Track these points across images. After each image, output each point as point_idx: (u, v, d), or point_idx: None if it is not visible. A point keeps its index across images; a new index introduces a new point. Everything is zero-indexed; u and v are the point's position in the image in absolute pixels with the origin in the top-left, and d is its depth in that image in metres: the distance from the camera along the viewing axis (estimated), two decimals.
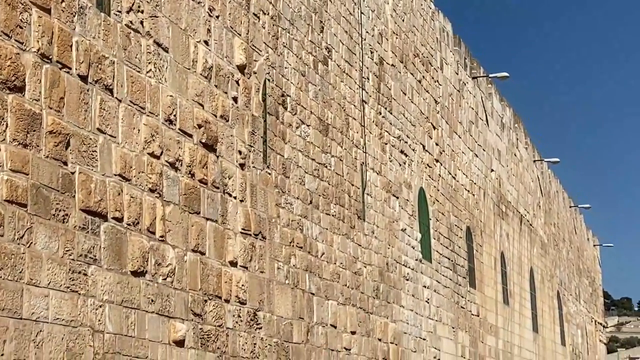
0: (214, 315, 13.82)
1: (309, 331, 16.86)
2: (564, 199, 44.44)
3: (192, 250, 13.42)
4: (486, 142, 30.62)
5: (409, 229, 22.69)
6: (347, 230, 19.02)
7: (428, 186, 24.47)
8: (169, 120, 13.11)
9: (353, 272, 19.11)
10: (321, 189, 18.03)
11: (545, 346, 36.56)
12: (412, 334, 22.13)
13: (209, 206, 14.00)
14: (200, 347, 13.36)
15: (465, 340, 26.24)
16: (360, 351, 19.01)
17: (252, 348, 14.84)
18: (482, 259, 28.93)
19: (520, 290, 33.54)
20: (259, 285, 15.27)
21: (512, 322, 31.71)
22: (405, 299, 21.91)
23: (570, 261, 44.18)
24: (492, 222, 30.52)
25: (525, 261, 34.80)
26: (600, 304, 52.81)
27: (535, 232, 36.91)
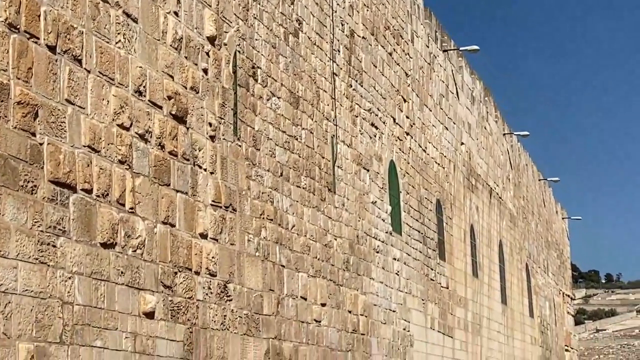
0: (184, 287, 13.80)
1: (279, 303, 16.89)
2: (533, 172, 44.68)
3: (162, 222, 13.38)
4: (456, 115, 30.68)
5: (379, 201, 22.74)
6: (317, 203, 19.03)
7: (398, 159, 24.51)
8: (139, 92, 13.03)
9: (323, 244, 19.13)
10: (292, 161, 18.01)
11: (513, 318, 36.86)
12: (382, 306, 22.22)
13: (179, 178, 13.95)
14: (170, 318, 13.35)
15: (434, 312, 26.40)
16: (330, 323, 19.07)
17: (223, 320, 14.85)
18: (452, 232, 29.07)
19: (489, 263, 33.75)
20: (229, 257, 15.27)
21: (481, 294, 31.92)
22: (375, 272, 21.99)
23: (539, 234, 44.49)
24: (462, 195, 30.65)
25: (495, 234, 35.01)
26: (568, 277, 53.26)
27: (505, 205, 37.11)
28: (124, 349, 12.21)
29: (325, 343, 18.73)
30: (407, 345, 23.74)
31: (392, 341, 22.64)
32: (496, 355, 33.20)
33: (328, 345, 18.86)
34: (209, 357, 14.33)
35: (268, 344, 16.30)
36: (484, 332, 31.83)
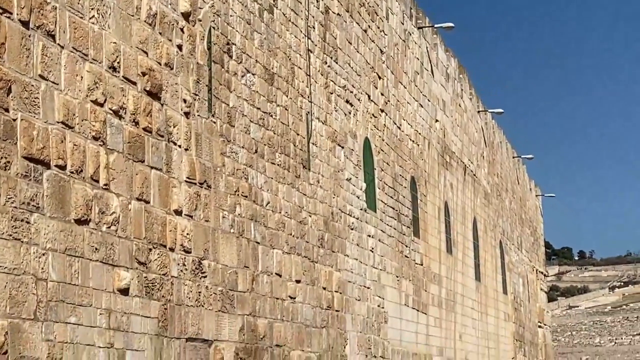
0: (158, 264, 13.80)
1: (254, 280, 16.92)
2: (507, 149, 44.85)
3: (136, 199, 13.36)
4: (431, 92, 30.73)
5: (354, 178, 22.77)
6: (292, 180, 19.04)
7: (373, 136, 24.54)
8: (113, 68, 12.97)
9: (298, 221, 19.16)
10: (266, 138, 18.00)
11: (487, 294, 37.08)
12: (357, 282, 22.30)
13: (154, 154, 13.92)
14: (144, 295, 13.35)
15: (409, 289, 26.51)
16: (305, 300, 19.12)
17: (197, 296, 14.86)
18: (426, 209, 29.17)
19: (464, 240, 33.91)
20: (203, 234, 15.26)
21: (455, 271, 32.08)
22: (350, 248, 22.05)
23: (513, 211, 44.72)
24: (437, 172, 30.74)
25: (469, 211, 35.15)
26: (542, 253, 53.60)
27: (479, 182, 37.26)
28: (98, 325, 12.20)
29: (300, 319, 18.79)
30: (381, 322, 23.85)
31: (366, 317, 22.74)
32: (470, 332, 33.43)
33: (303, 322, 18.92)
34: (183, 333, 14.35)
35: (243, 321, 16.34)
36: (458, 308, 32.02)
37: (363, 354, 22.27)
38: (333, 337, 20.48)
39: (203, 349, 14.91)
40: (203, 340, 14.93)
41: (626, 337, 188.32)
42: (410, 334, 26.25)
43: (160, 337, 13.68)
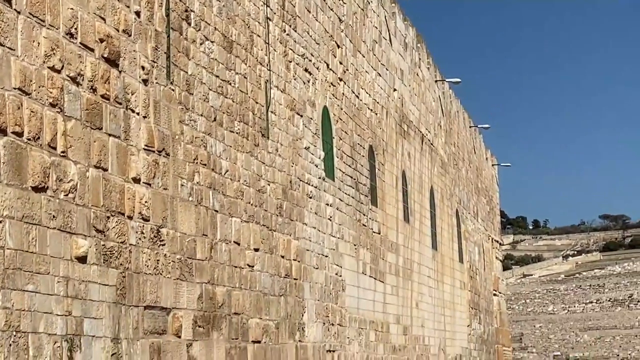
0: (116, 232, 13.74)
1: (212, 248, 16.90)
2: (464, 118, 45.06)
3: (94, 167, 13.26)
4: (389, 61, 30.74)
5: (312, 147, 22.77)
6: (251, 148, 19.00)
7: (332, 105, 24.53)
8: (70, 34, 12.82)
9: (257, 189, 19.14)
10: (225, 106, 17.93)
11: (443, 263, 37.36)
12: (315, 251, 22.36)
13: (112, 122, 13.81)
14: (102, 263, 13.30)
15: (366, 258, 26.64)
16: (263, 268, 19.15)
17: (156, 264, 14.83)
18: (384, 178, 29.26)
19: (421, 209, 34.09)
20: (162, 202, 15.21)
21: (412, 239, 32.27)
22: (308, 217, 22.08)
23: (469, 180, 44.99)
24: (394, 141, 30.82)
25: (426, 180, 35.32)
26: (497, 222, 54.03)
27: (436, 151, 37.42)
28: (56, 293, 12.15)
29: (258, 288, 18.82)
30: (339, 290, 23.96)
31: (324, 286, 22.83)
32: (426, 300, 33.69)
33: (261, 290, 18.96)
34: (142, 301, 14.32)
35: (201, 289, 16.34)
36: (415, 277, 32.24)
37: (321, 322, 22.38)
38: (291, 305, 20.55)
39: (161, 316, 14.90)
40: (161, 308, 14.92)
41: (579, 305, 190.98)
42: (367, 302, 26.41)
43: (119, 305, 13.65)
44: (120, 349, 13.59)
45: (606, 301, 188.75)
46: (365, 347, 25.80)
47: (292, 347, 20.43)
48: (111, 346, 13.36)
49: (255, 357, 18.37)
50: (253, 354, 18.30)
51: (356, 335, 25.07)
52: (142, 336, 14.25)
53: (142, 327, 14.28)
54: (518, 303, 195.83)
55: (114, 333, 13.48)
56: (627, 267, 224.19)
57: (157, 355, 14.63)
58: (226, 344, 17.13)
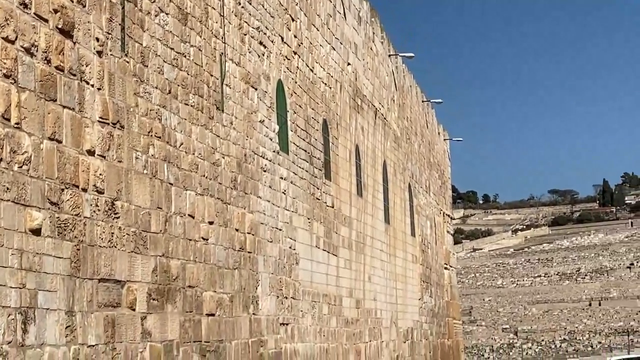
0: (71, 204, 13.66)
1: (167, 221, 16.86)
2: (417, 93, 45.21)
3: (48, 138, 13.16)
4: (343, 35, 30.73)
5: (267, 120, 22.75)
6: (205, 121, 18.95)
7: (286, 78, 24.50)
8: (24, 4, 12.68)
9: (211, 162, 19.11)
10: (180, 78, 17.84)
11: (396, 236, 37.59)
12: (269, 224, 22.39)
13: (66, 93, 13.70)
14: (57, 235, 13.22)
15: (319, 231, 26.72)
16: (217, 241, 19.15)
17: (110, 237, 14.77)
18: (338, 152, 29.33)
19: (374, 183, 34.23)
20: (116, 174, 15.13)
21: (365, 213, 32.42)
22: (263, 190, 22.10)
23: (422, 154, 45.23)
24: (348, 115, 30.88)
25: (379, 154, 35.45)
26: (449, 197, 54.41)
27: (389, 125, 37.54)
28: (10, 265, 12.07)
29: (212, 261, 18.82)
30: (292, 263, 24.03)
31: (278, 259, 22.88)
32: (378, 273, 33.90)
33: (215, 263, 18.96)
34: (96, 274, 14.27)
35: (156, 262, 16.31)
36: (368, 250, 32.42)
37: (274, 295, 22.45)
38: (245, 278, 20.58)
39: (116, 289, 14.86)
40: (116, 281, 14.88)
41: (527, 278, 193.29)
42: (320, 275, 26.52)
43: (73, 278, 13.59)
44: (74, 321, 13.54)
45: (554, 275, 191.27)
46: (318, 320, 25.94)
47: (246, 320, 20.49)
48: (65, 319, 13.31)
49: (209, 329, 18.40)
50: (207, 326, 18.33)
51: (309, 308, 25.19)
52: (96, 309, 14.21)
53: (96, 299, 14.23)
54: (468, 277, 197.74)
55: (68, 306, 13.42)
56: (575, 242, 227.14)
57: (111, 327, 14.61)
58: (180, 317, 17.13)
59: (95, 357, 14.09)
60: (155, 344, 16.09)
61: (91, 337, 14.00)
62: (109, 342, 14.50)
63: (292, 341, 23.47)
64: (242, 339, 20.14)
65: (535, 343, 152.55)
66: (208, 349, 18.28)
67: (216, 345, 18.69)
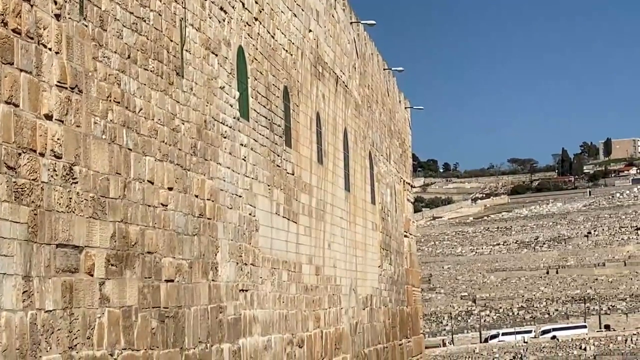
0: (28, 169, 13.55)
1: (126, 187, 16.78)
2: (378, 61, 45.19)
3: (5, 102, 13.02)
4: (305, 2, 30.59)
5: (227, 87, 22.65)
6: (165, 87, 18.83)
7: (247, 45, 24.38)
8: None
9: (171, 128, 19.01)
10: (139, 43, 17.70)
11: (356, 204, 37.69)
12: (229, 191, 22.35)
13: (23, 57, 13.55)
14: (14, 200, 13.12)
15: (280, 198, 26.72)
16: (177, 207, 19.09)
17: (68, 202, 14.68)
18: (299, 119, 29.29)
19: (334, 150, 34.25)
20: (75, 139, 15.02)
21: (325, 180, 32.45)
22: (223, 157, 22.03)
23: (383, 123, 45.29)
24: (309, 82, 30.82)
25: (340, 122, 35.45)
26: (409, 165, 54.59)
27: (350, 93, 37.53)
28: None
29: (171, 227, 18.77)
30: (252, 230, 24.03)
31: (238, 226, 22.87)
32: (338, 240, 34.00)
33: (174, 229, 18.92)
34: (54, 239, 14.19)
35: (114, 227, 16.24)
36: (328, 218, 32.49)
37: (234, 262, 22.46)
38: (204, 244, 20.56)
39: (74, 255, 14.79)
40: (74, 246, 14.80)
41: (486, 247, 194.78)
42: (280, 242, 26.56)
43: (30, 243, 13.51)
44: (31, 286, 13.47)
45: (513, 243, 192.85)
46: (278, 286, 26.00)
47: (205, 286, 20.49)
48: (22, 284, 13.24)
49: (168, 295, 18.38)
50: (166, 292, 18.31)
51: (269, 275, 25.24)
52: (54, 274, 14.14)
53: (54, 265, 14.16)
54: (428, 245, 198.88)
55: (26, 271, 13.35)
56: (534, 210, 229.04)
57: (69, 293, 14.55)
58: (139, 283, 17.10)
59: (53, 323, 14.04)
60: (114, 310, 16.06)
61: (49, 303, 13.95)
62: (66, 308, 14.45)
63: (252, 307, 23.53)
64: (202, 305, 20.15)
65: (493, 310, 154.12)
66: (167, 314, 18.27)
67: (175, 311, 18.69)
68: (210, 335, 20.49)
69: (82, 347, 14.90)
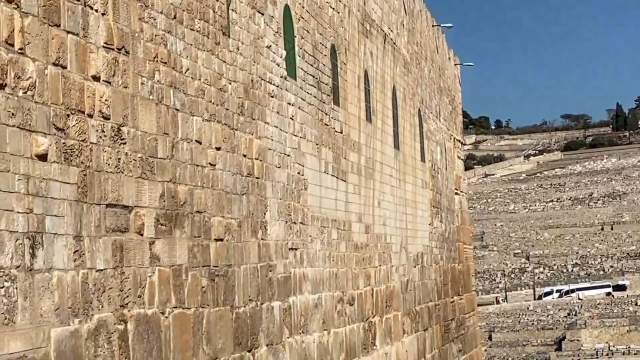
0: (77, 130, 13.70)
1: (174, 147, 16.91)
2: (426, 17, 44.85)
3: (52, 64, 13.16)
4: None
5: (274, 46, 22.65)
6: (211, 47, 18.88)
7: (293, 3, 24.32)
8: None
9: (218, 88, 19.08)
10: (185, 3, 17.73)
11: (405, 162, 37.62)
12: (277, 150, 22.42)
13: (70, 19, 13.65)
14: (63, 161, 13.29)
15: (328, 157, 26.76)
16: (225, 167, 19.21)
17: (117, 163, 14.84)
18: (347, 77, 29.23)
19: (383, 108, 34.16)
20: (122, 100, 15.14)
21: (374, 138, 32.41)
22: (270, 116, 22.09)
23: (432, 80, 45.03)
24: (357, 40, 30.70)
25: (388, 79, 35.32)
26: (459, 122, 54.28)
27: (399, 50, 37.33)
28: (17, 191, 12.16)
29: (220, 186, 18.90)
30: (301, 189, 24.12)
31: (286, 185, 22.96)
32: (388, 198, 34.00)
33: (223, 189, 19.05)
34: (103, 199, 14.37)
35: (163, 187, 16.39)
36: (377, 176, 32.48)
37: (283, 220, 22.57)
38: (253, 203, 20.69)
39: (123, 214, 14.97)
40: (123, 206, 14.98)
41: (539, 203, 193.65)
42: (329, 200, 26.63)
43: (80, 203, 13.69)
44: (82, 246, 13.68)
45: (566, 200, 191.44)
46: (328, 245, 26.11)
47: (255, 245, 20.64)
48: (73, 243, 13.44)
49: (217, 254, 18.56)
50: (216, 251, 18.48)
51: (318, 233, 25.34)
52: (104, 234, 14.34)
53: (104, 225, 14.35)
54: (480, 202, 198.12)
55: (76, 231, 13.54)
56: (587, 166, 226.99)
57: (119, 252, 14.75)
58: (189, 242, 17.28)
59: (104, 282, 14.26)
60: (164, 269, 16.26)
61: (100, 262, 14.16)
62: (117, 267, 14.66)
63: (301, 266, 23.67)
64: (251, 263, 20.31)
65: (547, 267, 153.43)
66: (217, 273, 18.45)
67: (225, 269, 18.86)
68: (260, 294, 20.67)
69: (134, 306, 15.13)
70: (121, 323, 14.69)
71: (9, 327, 11.82)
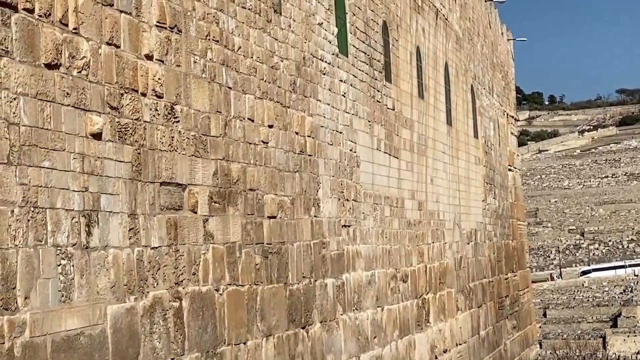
0: (130, 109, 13.79)
1: (226, 125, 16.96)
2: None
3: (106, 43, 13.24)
4: None
5: (325, 23, 22.59)
6: (263, 24, 18.87)
7: None
8: None
9: (270, 66, 19.08)
10: None
11: (458, 138, 37.40)
12: (329, 127, 22.40)
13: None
14: (117, 140, 13.40)
15: (381, 134, 26.68)
16: (277, 144, 19.23)
17: (170, 141, 14.92)
18: (398, 54, 29.08)
19: (435, 84, 33.97)
20: (175, 79, 15.21)
21: (426, 115, 32.25)
22: (322, 93, 22.06)
23: (484, 55, 44.66)
24: (408, 16, 30.52)
25: (441, 55, 35.09)
26: (513, 98, 53.80)
27: (451, 26, 37.06)
28: (72, 169, 12.28)
29: (272, 164, 18.94)
30: (353, 166, 24.09)
31: (339, 162, 22.95)
32: (441, 175, 33.86)
33: (275, 166, 19.09)
34: (157, 177, 14.47)
35: (216, 165, 16.46)
36: (429, 152, 32.34)
37: (336, 198, 22.58)
38: (306, 181, 20.71)
39: (177, 192, 15.07)
40: (177, 184, 15.07)
41: (594, 179, 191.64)
42: (382, 177, 26.57)
43: (135, 182, 13.80)
44: (137, 224, 13.79)
45: (622, 175, 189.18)
46: (380, 222, 26.08)
47: (308, 222, 20.67)
48: (128, 221, 13.56)
49: (271, 232, 18.62)
50: (269, 228, 18.54)
51: (371, 210, 25.31)
52: (158, 212, 14.44)
53: (158, 202, 14.46)
54: (534, 178, 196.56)
55: (131, 209, 13.66)
56: None
57: (174, 230, 14.85)
58: (242, 219, 17.35)
59: (159, 259, 14.38)
60: (218, 246, 16.35)
61: (154, 240, 14.27)
62: (172, 244, 14.77)
63: (354, 243, 23.67)
64: (304, 241, 20.35)
65: (602, 244, 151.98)
66: (270, 250, 18.52)
67: (278, 247, 18.92)
68: (313, 271, 20.72)
69: (188, 283, 15.24)
70: (176, 300, 14.81)
71: (66, 304, 11.98)
